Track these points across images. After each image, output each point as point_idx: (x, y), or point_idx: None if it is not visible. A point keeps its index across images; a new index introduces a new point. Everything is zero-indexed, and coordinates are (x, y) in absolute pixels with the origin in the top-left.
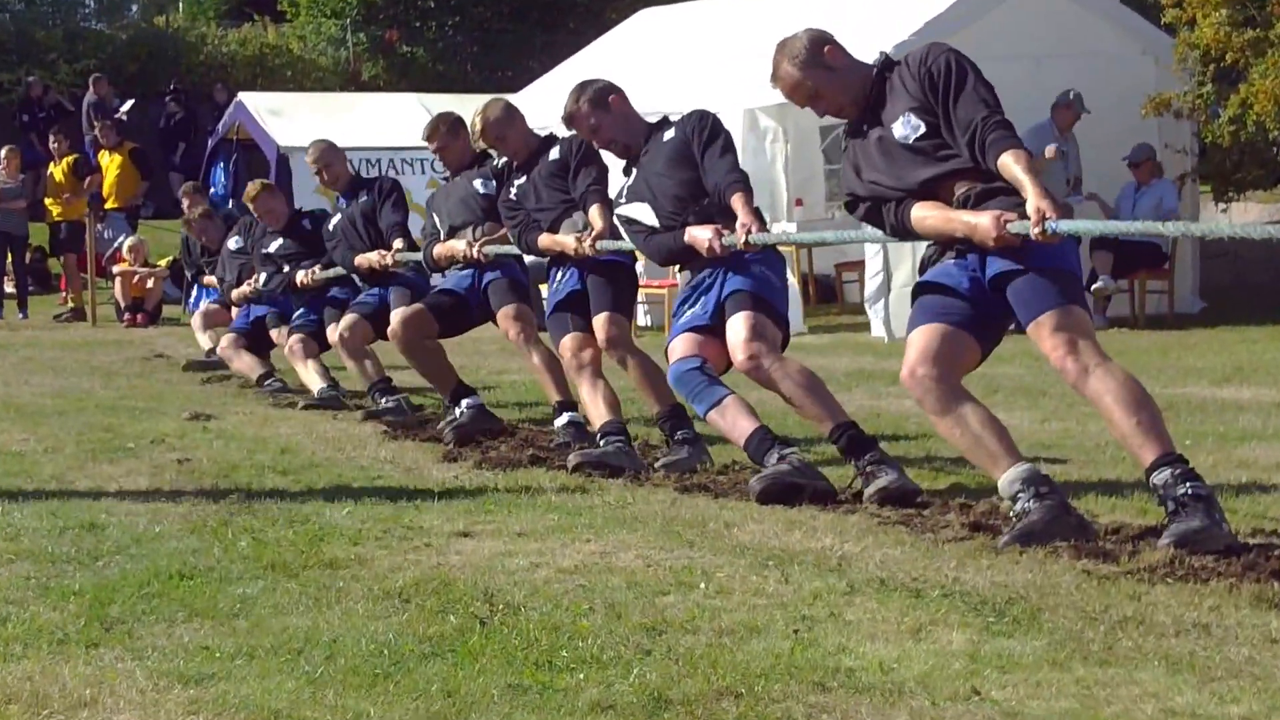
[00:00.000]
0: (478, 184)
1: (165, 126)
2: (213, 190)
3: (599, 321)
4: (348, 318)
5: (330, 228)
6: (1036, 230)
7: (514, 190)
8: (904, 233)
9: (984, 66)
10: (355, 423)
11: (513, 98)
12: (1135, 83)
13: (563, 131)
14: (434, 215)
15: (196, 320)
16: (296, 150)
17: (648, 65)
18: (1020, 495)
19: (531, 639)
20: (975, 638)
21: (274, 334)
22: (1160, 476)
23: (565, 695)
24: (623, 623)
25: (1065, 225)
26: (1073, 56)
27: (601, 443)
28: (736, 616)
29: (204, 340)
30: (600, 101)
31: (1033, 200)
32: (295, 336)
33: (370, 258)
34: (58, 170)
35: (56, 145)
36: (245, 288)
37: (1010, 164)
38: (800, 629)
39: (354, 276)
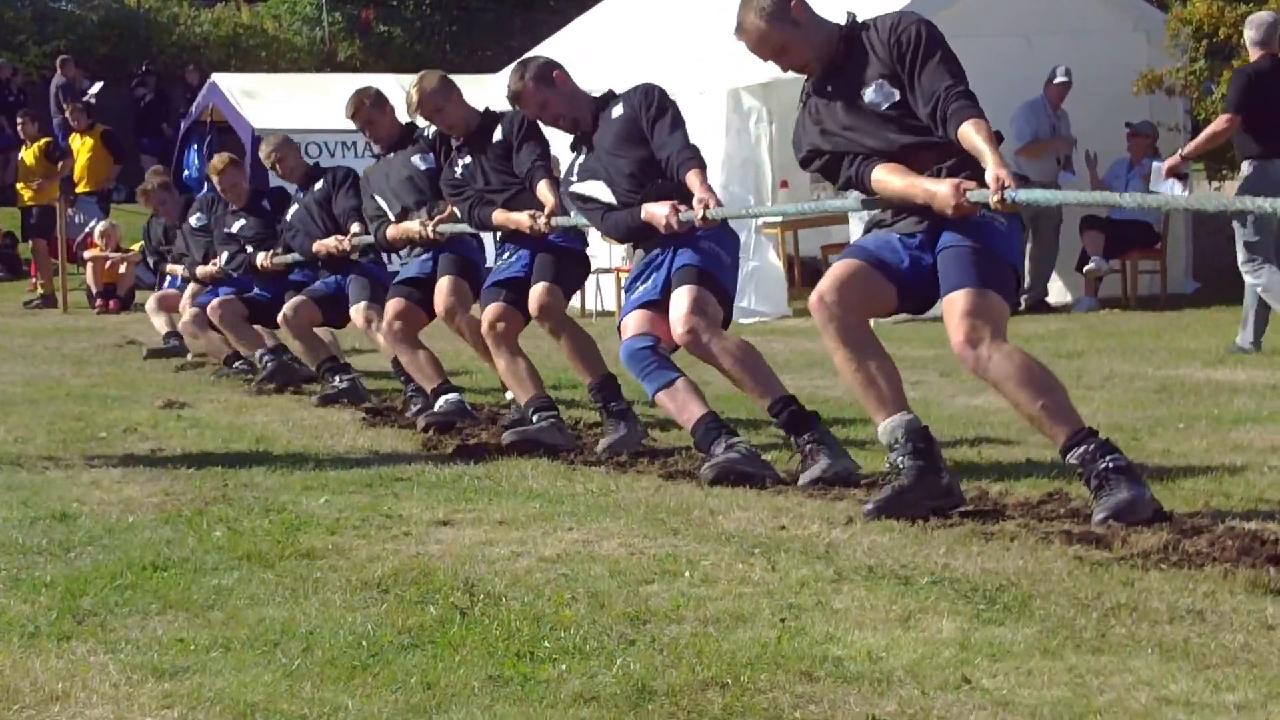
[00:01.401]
0: (416, 160)
1: (137, 109)
2: (186, 173)
3: (536, 290)
4: (295, 299)
5: (288, 218)
6: (995, 198)
7: (458, 169)
8: (859, 188)
9: (974, 43)
10: (331, 410)
11: (492, 78)
12: (1126, 59)
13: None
14: (376, 197)
15: (151, 304)
16: (271, 132)
17: (629, 45)
18: (897, 445)
19: (513, 629)
20: (965, 625)
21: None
22: (1076, 455)
23: (547, 686)
24: (606, 612)
25: (1024, 194)
26: (1063, 33)
27: (535, 419)
28: (722, 605)
29: (160, 324)
30: (545, 78)
31: (991, 169)
32: (217, 299)
33: (327, 244)
34: (28, 154)
35: (25, 128)
36: (211, 266)
37: (970, 133)
38: (787, 618)
39: (314, 263)
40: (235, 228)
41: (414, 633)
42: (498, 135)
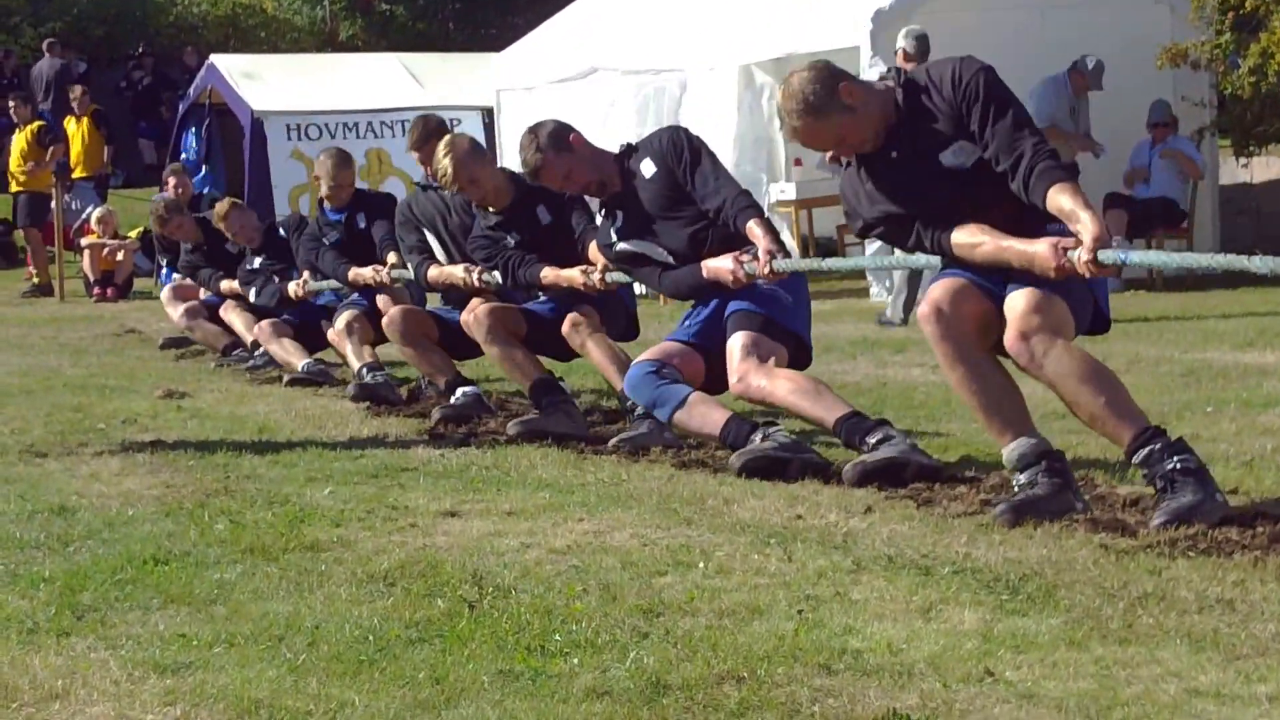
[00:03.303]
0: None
1: (134, 92)
2: (184, 157)
3: (572, 314)
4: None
5: (324, 240)
6: (1087, 258)
7: (489, 222)
8: (937, 251)
9: (986, 17)
10: (336, 399)
11: (496, 57)
12: (1149, 32)
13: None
14: (426, 231)
15: (166, 295)
16: (271, 115)
17: (637, 21)
18: (1028, 469)
19: (523, 623)
20: (988, 616)
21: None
22: (1141, 455)
23: (559, 681)
24: (618, 605)
25: (1136, 256)
26: (1079, 6)
27: (544, 404)
28: (737, 597)
29: (176, 315)
30: (561, 144)
31: (1089, 230)
32: (266, 320)
33: (364, 274)
34: (20, 138)
35: (17, 111)
36: (235, 283)
37: (1061, 198)
38: (804, 609)
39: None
40: (256, 263)
41: (421, 626)
42: (545, 218)
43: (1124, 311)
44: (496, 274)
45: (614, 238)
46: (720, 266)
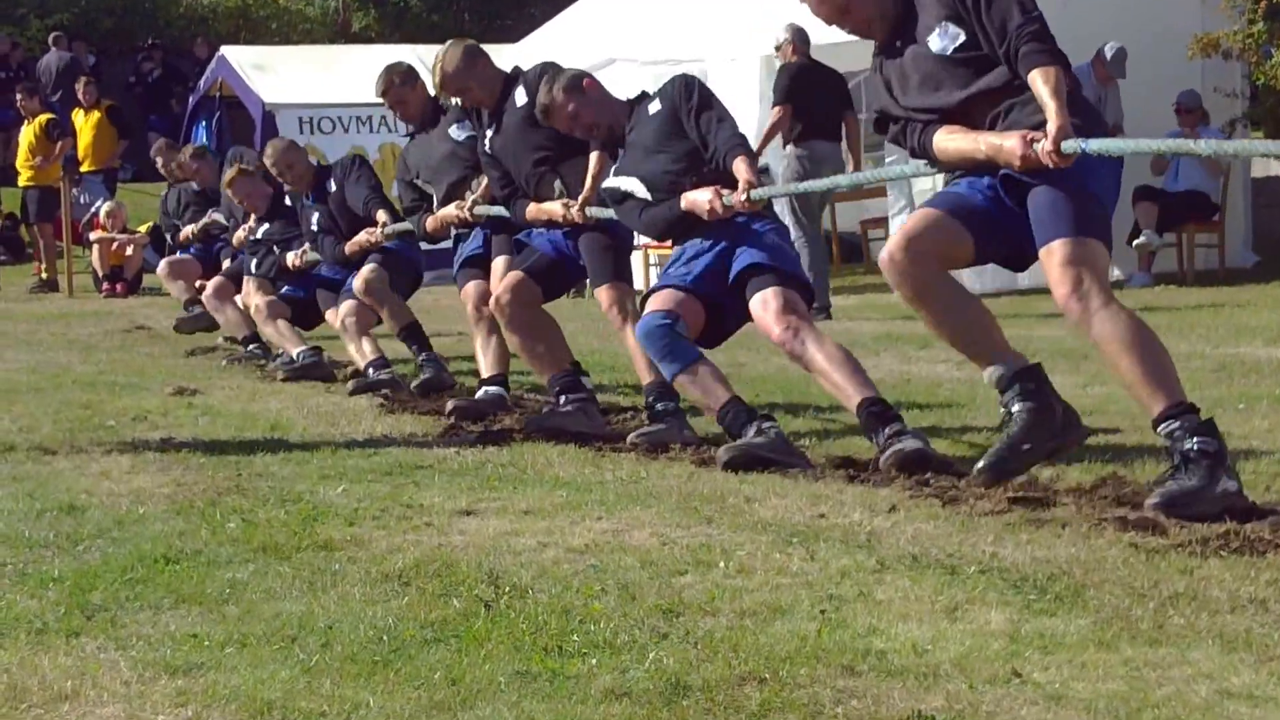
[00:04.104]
0: (454, 131)
1: (143, 85)
2: None
3: (601, 292)
4: (365, 268)
5: (313, 226)
6: (1049, 147)
7: (488, 144)
8: (924, 157)
9: None
10: (349, 396)
11: (511, 48)
12: (1179, 21)
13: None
14: (417, 182)
15: (163, 269)
16: (283, 107)
17: (656, 11)
18: (1006, 392)
19: (540, 623)
20: (1015, 617)
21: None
22: (1166, 429)
23: (577, 682)
24: (637, 605)
25: (1093, 144)
26: None
27: (563, 400)
28: (759, 597)
29: (176, 291)
30: (575, 87)
31: (1054, 120)
32: (266, 299)
33: (359, 240)
34: (29, 132)
35: (25, 104)
36: (243, 231)
37: (1037, 82)
38: (827, 609)
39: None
40: (260, 233)
41: (437, 627)
42: (519, 98)
43: (1153, 306)
44: (488, 208)
45: (607, 175)
46: (698, 198)
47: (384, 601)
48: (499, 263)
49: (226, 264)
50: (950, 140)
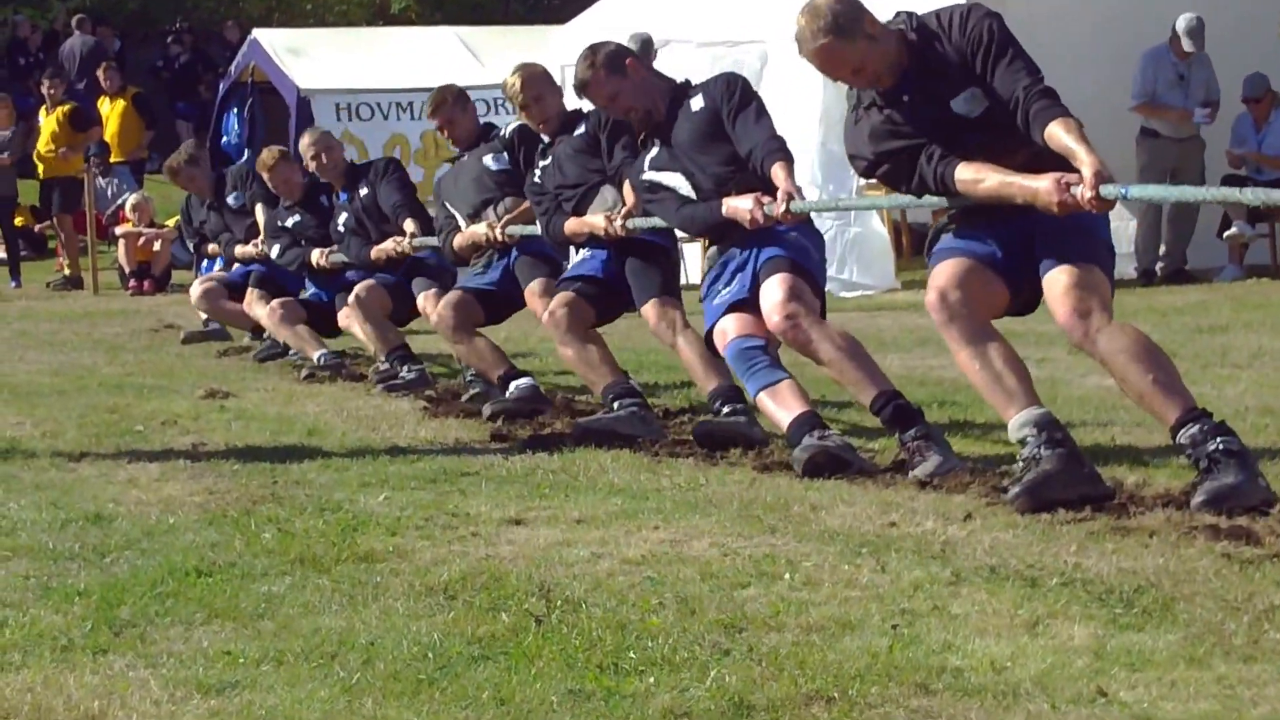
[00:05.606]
0: (489, 160)
1: (171, 70)
2: (225, 139)
3: (647, 309)
4: (366, 282)
5: (339, 226)
6: (1090, 194)
7: (538, 173)
8: (941, 189)
9: None
10: (391, 399)
11: (559, 30)
12: (1265, 6)
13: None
14: (446, 204)
15: (195, 290)
16: (319, 93)
17: None
18: (1030, 439)
19: (594, 639)
20: (1100, 632)
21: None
22: (1186, 435)
23: (633, 701)
24: (697, 619)
25: (1135, 190)
26: None
27: (615, 406)
28: (826, 611)
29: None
30: (616, 66)
31: (1089, 165)
32: (277, 299)
33: (385, 248)
34: (51, 120)
35: (51, 92)
36: (251, 248)
37: (1059, 133)
38: (900, 624)
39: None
40: (290, 222)
41: (485, 643)
42: (580, 129)
43: (1244, 300)
44: (520, 228)
45: (646, 167)
46: (740, 206)
47: (428, 616)
48: (536, 284)
49: (218, 267)
50: (982, 176)
